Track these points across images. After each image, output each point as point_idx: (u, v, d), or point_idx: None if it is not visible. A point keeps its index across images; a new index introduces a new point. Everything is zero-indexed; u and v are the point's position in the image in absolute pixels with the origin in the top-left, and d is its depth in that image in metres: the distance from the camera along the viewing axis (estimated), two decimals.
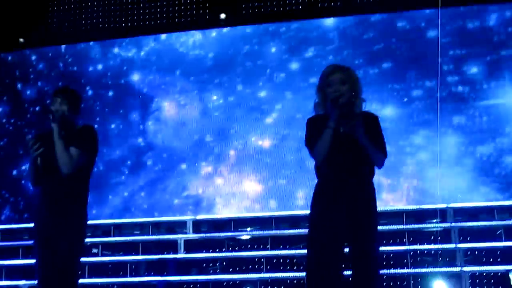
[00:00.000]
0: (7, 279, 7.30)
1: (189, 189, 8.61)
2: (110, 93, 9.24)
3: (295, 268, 6.86)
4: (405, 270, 6.65)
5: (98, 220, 8.22)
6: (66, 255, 4.15)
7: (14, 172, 9.21)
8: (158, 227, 8.28)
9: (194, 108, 8.97)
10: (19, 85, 9.61)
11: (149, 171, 8.77)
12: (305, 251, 3.67)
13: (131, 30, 9.35)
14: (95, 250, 7.70)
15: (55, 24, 9.53)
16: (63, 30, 9.50)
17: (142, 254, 7.54)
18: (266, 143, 8.70)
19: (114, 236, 8.14)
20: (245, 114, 8.80)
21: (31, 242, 7.96)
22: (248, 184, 8.55)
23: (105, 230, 8.25)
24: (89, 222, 4.34)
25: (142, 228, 8.29)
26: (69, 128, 4.31)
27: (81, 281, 6.96)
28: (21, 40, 9.54)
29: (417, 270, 6.64)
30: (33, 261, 4.26)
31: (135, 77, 9.25)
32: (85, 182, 4.36)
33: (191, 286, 6.82)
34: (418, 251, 6.89)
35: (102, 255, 7.63)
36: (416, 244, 7.03)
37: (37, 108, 9.27)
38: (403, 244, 7.03)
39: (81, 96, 4.52)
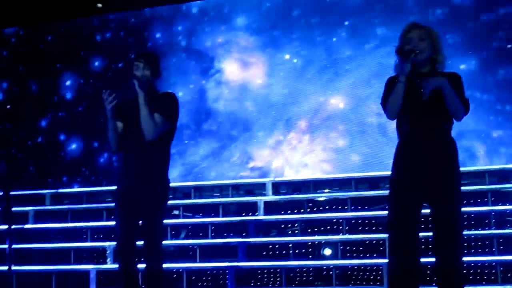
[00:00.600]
0: (92, 240, 7.53)
1: (255, 159, 8.64)
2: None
3: (374, 229, 6.79)
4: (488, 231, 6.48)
5: (178, 183, 8.37)
6: (151, 219, 4.25)
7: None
8: (237, 189, 8.36)
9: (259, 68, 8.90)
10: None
11: (212, 139, 8.82)
12: (384, 212, 3.63)
13: None
14: (176, 212, 7.83)
15: None
16: None
17: (223, 216, 7.63)
18: (342, 105, 8.58)
19: (194, 198, 8.26)
20: (317, 74, 8.70)
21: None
22: (321, 154, 8.50)
23: (185, 192, 8.39)
24: (170, 184, 4.41)
25: (222, 190, 8.39)
26: (152, 94, 4.36)
27: (164, 242, 7.15)
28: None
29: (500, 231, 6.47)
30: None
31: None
32: (167, 148, 4.43)
33: (271, 247, 6.86)
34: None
35: (183, 216, 7.76)
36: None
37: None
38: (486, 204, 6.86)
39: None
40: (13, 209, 5.77)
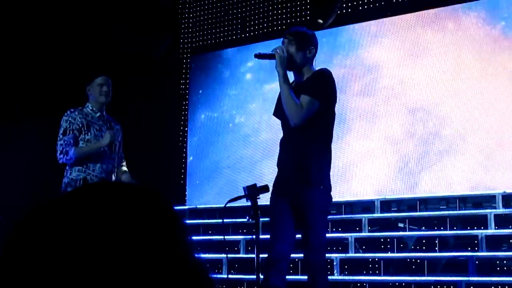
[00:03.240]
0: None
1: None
2: None
3: None
4: None
5: (404, 195, 8.31)
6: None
7: None
8: (464, 201, 8.09)
9: None
10: None
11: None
12: None
13: None
14: (401, 225, 7.79)
15: None
16: None
17: (450, 229, 7.44)
18: None
19: (420, 211, 8.14)
20: None
21: (339, 216, 8.36)
22: None
23: (410, 205, 8.29)
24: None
25: (448, 202, 8.18)
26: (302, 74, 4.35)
27: (391, 255, 7.15)
28: None
29: None
30: None
31: None
32: (325, 141, 4.28)
33: (504, 262, 6.56)
34: None
35: (409, 229, 7.69)
36: None
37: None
38: None
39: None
40: None
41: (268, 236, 4.18)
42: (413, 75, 8.82)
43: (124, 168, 5.51)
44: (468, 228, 7.36)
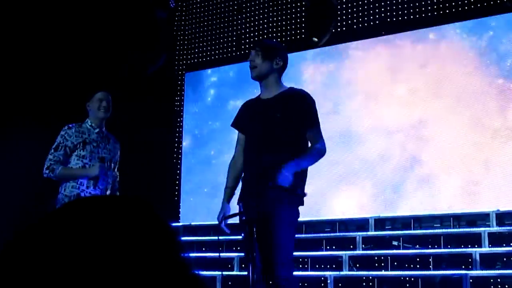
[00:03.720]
0: (312, 269, 7.73)
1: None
2: None
3: None
4: None
5: (397, 213, 8.32)
6: None
7: None
8: (458, 220, 8.10)
9: None
10: None
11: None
12: None
13: None
14: (395, 243, 7.79)
15: None
16: None
17: (444, 247, 7.45)
18: None
19: (414, 229, 8.15)
20: None
21: (333, 234, 8.37)
22: None
23: (404, 223, 8.30)
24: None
25: (442, 221, 8.19)
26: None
27: (385, 273, 7.15)
28: None
29: None
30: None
31: None
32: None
33: (498, 280, 6.55)
34: None
35: (403, 247, 7.69)
36: None
37: None
38: None
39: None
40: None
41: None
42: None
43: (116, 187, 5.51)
44: (462, 246, 7.37)
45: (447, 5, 8.93)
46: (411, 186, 8.55)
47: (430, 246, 7.56)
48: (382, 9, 9.32)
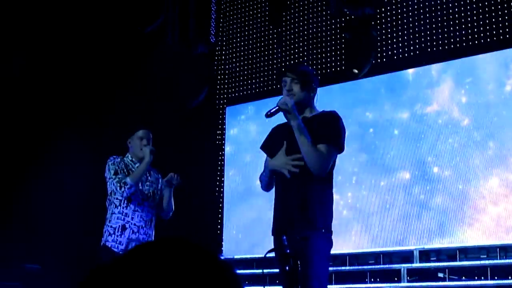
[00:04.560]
0: None
1: None
2: None
3: None
4: None
5: (442, 244, 8.19)
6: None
7: None
8: (505, 250, 7.93)
9: None
10: None
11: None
12: None
13: None
14: (440, 275, 7.67)
15: None
16: None
17: (491, 279, 7.30)
18: None
19: (459, 260, 8.01)
20: None
21: (377, 266, 8.27)
22: None
23: (450, 255, 8.16)
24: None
25: (489, 252, 8.02)
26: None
27: None
28: None
29: None
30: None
31: None
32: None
33: None
34: None
35: (449, 279, 7.56)
36: None
37: None
38: None
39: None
40: None
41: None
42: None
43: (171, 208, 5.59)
44: (510, 278, 7.21)
45: (481, 34, 8.85)
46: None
47: (476, 278, 7.41)
48: (422, 39, 9.30)
